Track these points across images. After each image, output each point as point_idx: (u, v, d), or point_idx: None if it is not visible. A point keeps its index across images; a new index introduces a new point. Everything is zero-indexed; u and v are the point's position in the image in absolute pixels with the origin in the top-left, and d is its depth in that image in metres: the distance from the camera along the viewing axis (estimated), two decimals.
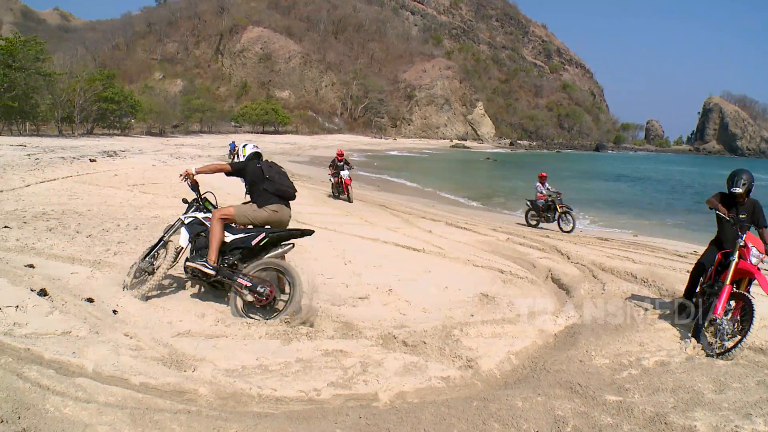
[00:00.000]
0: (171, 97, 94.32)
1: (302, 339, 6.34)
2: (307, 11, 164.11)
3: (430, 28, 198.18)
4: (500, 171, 61.58)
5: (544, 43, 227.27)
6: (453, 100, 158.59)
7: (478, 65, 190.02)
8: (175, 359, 5.58)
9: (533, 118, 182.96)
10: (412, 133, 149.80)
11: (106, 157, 29.79)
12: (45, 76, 50.66)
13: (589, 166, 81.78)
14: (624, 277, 10.41)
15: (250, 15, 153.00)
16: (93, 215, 13.03)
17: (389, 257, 11.07)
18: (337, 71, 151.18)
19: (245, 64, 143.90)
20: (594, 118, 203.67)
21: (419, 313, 7.65)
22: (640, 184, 51.54)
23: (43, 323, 6.01)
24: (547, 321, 7.72)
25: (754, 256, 6.80)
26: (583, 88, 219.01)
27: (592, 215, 25.64)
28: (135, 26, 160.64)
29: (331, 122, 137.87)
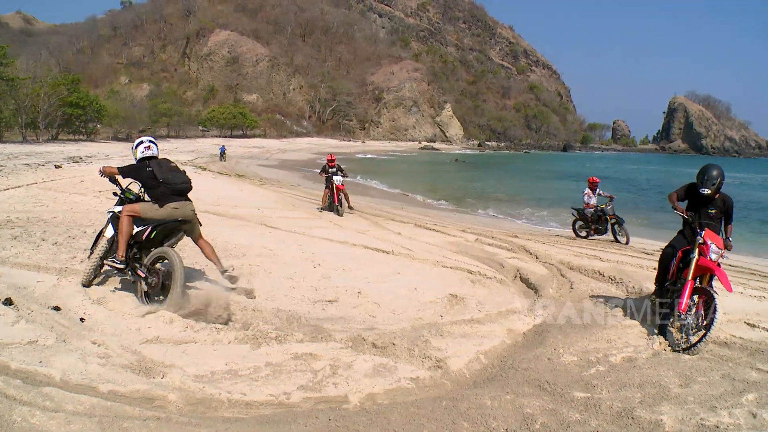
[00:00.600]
0: (137, 102, 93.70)
1: (272, 343, 6.34)
2: (274, 14, 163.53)
3: (397, 31, 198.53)
4: (468, 172, 61.83)
5: (511, 44, 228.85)
6: (421, 102, 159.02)
7: (446, 67, 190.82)
8: (143, 366, 5.55)
9: (501, 119, 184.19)
10: (380, 135, 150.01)
11: (72, 163, 29.49)
12: (8, 80, 50.07)
13: (557, 167, 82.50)
14: (592, 275, 10.56)
15: (216, 18, 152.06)
16: (59, 222, 12.87)
17: (358, 260, 11.08)
18: (305, 74, 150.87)
19: (212, 67, 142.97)
20: (561, 118, 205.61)
21: (388, 314, 7.68)
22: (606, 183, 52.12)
23: (8, 333, 5.96)
24: (515, 320, 7.80)
25: (713, 252, 6.92)
26: (550, 89, 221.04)
27: (559, 215, 25.87)
28: (100, 30, 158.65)
29: (300, 125, 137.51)
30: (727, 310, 7.47)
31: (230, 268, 8.14)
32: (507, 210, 27.25)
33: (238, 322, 7.00)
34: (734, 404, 5.09)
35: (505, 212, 26.32)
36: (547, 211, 27.35)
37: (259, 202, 19.71)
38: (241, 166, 44.42)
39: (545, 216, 25.46)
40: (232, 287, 7.70)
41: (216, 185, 25.09)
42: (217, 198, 19.24)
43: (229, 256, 10.50)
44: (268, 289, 8.42)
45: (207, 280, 8.39)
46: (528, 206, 29.43)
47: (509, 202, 31.53)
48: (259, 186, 27.64)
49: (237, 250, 11.06)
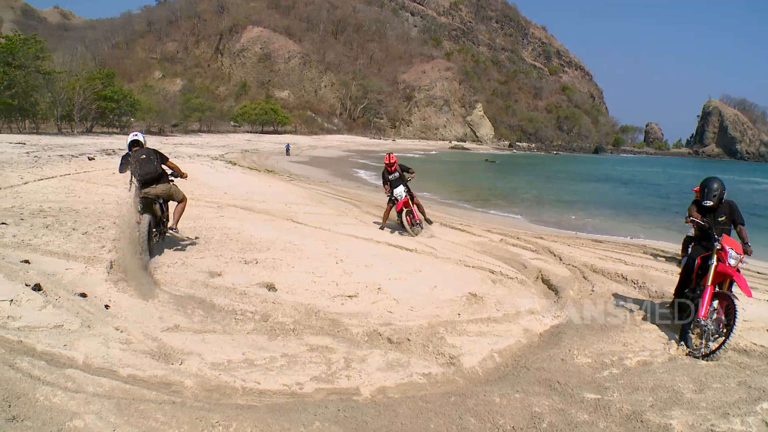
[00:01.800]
0: (170, 96, 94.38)
1: (289, 335, 6.47)
2: (306, 11, 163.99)
3: (429, 29, 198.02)
4: (498, 172, 61.57)
5: (544, 45, 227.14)
6: (452, 102, 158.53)
7: (478, 67, 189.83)
8: (163, 353, 5.73)
9: (532, 120, 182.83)
10: (411, 134, 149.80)
11: (105, 156, 29.85)
12: (45, 74, 50.77)
13: (588, 169, 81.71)
14: (614, 278, 10.50)
15: (249, 15, 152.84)
16: (90, 213, 13.14)
17: (381, 256, 11.14)
18: (336, 71, 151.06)
19: (245, 63, 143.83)
20: (593, 120, 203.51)
21: (406, 311, 7.74)
22: (637, 187, 51.54)
23: (36, 317, 6.18)
24: (533, 321, 7.82)
25: (731, 258, 6.89)
26: (582, 90, 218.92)
27: (589, 217, 25.68)
28: (135, 25, 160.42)
29: (330, 122, 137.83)
30: (749, 317, 7.44)
31: (177, 229, 10.40)
32: (535, 211, 27.03)
33: (257, 313, 7.12)
34: (748, 412, 5.08)
35: (532, 213, 26.14)
36: (575, 213, 27.16)
37: (287, 198, 19.83)
38: (271, 161, 44.67)
39: (574, 218, 25.29)
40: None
41: (245, 180, 25.31)
42: (246, 193, 19.42)
43: (254, 249, 10.67)
44: (289, 282, 8.55)
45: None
46: (557, 208, 29.22)
47: (538, 203, 31.29)
48: (288, 182, 27.78)
49: (262, 244, 11.21)
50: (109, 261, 8.75)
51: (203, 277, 8.46)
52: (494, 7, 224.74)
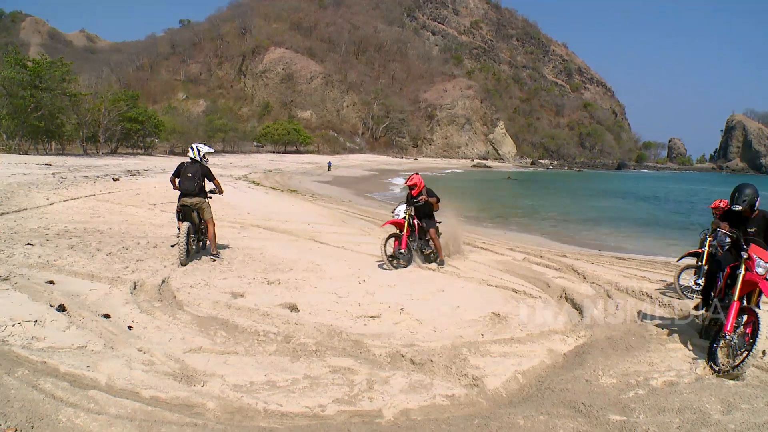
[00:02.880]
0: (194, 117, 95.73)
1: (311, 356, 6.45)
2: (328, 32, 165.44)
3: (450, 48, 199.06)
4: (520, 190, 61.33)
5: (565, 62, 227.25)
6: (474, 120, 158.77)
7: (499, 85, 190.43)
8: (185, 374, 5.73)
9: (554, 137, 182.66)
10: (433, 152, 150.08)
11: (129, 177, 30.20)
12: (71, 96, 51.63)
13: (612, 185, 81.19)
14: (639, 296, 10.35)
15: (272, 36, 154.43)
16: (114, 233, 13.30)
17: (403, 276, 11.10)
18: (358, 91, 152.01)
19: (267, 84, 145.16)
20: (616, 136, 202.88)
21: (429, 331, 7.69)
22: (661, 203, 51.10)
23: (60, 337, 6.26)
24: (557, 341, 7.71)
25: (759, 266, 6.77)
26: (604, 106, 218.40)
27: (613, 234, 25.46)
28: (159, 48, 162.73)
29: (353, 142, 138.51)
30: None
31: (218, 255, 11.49)
32: (558, 229, 26.87)
33: (280, 334, 7.12)
34: None
35: (556, 231, 25.97)
36: (599, 230, 26.96)
37: (310, 218, 19.88)
38: (294, 181, 44.89)
39: (597, 236, 25.08)
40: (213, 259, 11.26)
41: (268, 200, 25.44)
42: (269, 213, 19.52)
43: (276, 270, 10.70)
44: (312, 303, 8.55)
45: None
46: (580, 226, 29.03)
47: (561, 221, 31.07)
48: (311, 201, 27.87)
49: (284, 265, 11.24)
50: (133, 282, 8.83)
51: (226, 298, 8.49)
52: (515, 25, 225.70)
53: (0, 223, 13.29)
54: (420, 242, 12.64)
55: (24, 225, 13.40)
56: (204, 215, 11.48)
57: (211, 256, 11.37)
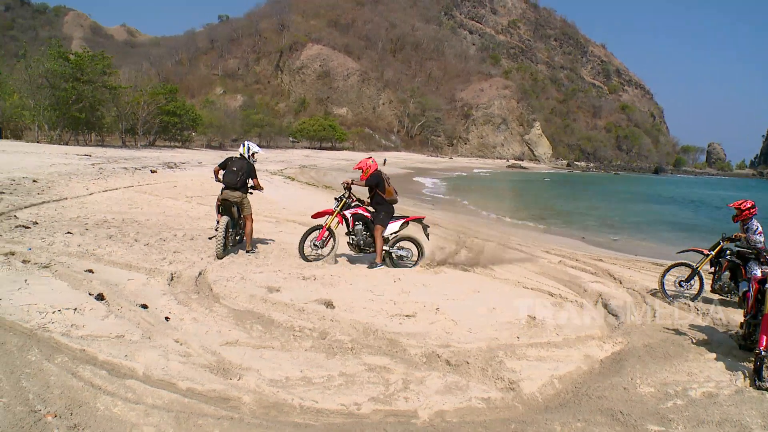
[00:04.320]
0: (231, 112, 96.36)
1: (347, 353, 6.45)
2: (365, 30, 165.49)
3: (487, 48, 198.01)
4: (557, 191, 60.82)
5: (603, 63, 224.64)
6: (510, 120, 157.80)
7: (536, 85, 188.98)
8: (221, 367, 5.77)
9: (591, 139, 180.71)
10: (468, 152, 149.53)
11: (167, 169, 30.50)
12: (111, 89, 52.47)
13: (649, 189, 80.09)
14: (678, 305, 10.18)
15: (309, 33, 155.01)
16: (151, 224, 13.46)
17: (438, 276, 11.04)
18: (394, 89, 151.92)
19: (304, 80, 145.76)
20: (653, 140, 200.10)
21: (465, 333, 7.63)
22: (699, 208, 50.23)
23: (98, 326, 6.35)
24: (593, 346, 7.61)
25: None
26: (642, 109, 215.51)
27: (652, 239, 25.08)
28: (198, 42, 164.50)
29: (388, 140, 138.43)
30: None
31: (254, 250, 11.67)
32: (593, 232, 26.55)
33: (315, 330, 7.12)
34: None
35: (591, 234, 25.66)
36: (636, 235, 26.59)
37: None
38: (329, 177, 44.94)
39: (634, 240, 24.72)
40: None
41: (303, 196, 25.56)
42: (304, 208, 19.56)
43: (312, 265, 10.72)
44: (348, 300, 8.54)
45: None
46: (616, 229, 28.65)
47: (597, 224, 30.69)
48: None
49: (320, 260, 11.25)
50: (170, 273, 8.91)
51: (262, 292, 8.52)
52: (553, 25, 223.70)
53: (41, 212, 13.51)
54: (361, 236, 11.55)
55: (64, 214, 13.61)
56: (243, 211, 11.60)
57: (248, 252, 11.45)
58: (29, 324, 6.14)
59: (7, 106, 46.91)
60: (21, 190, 16.58)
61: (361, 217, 11.53)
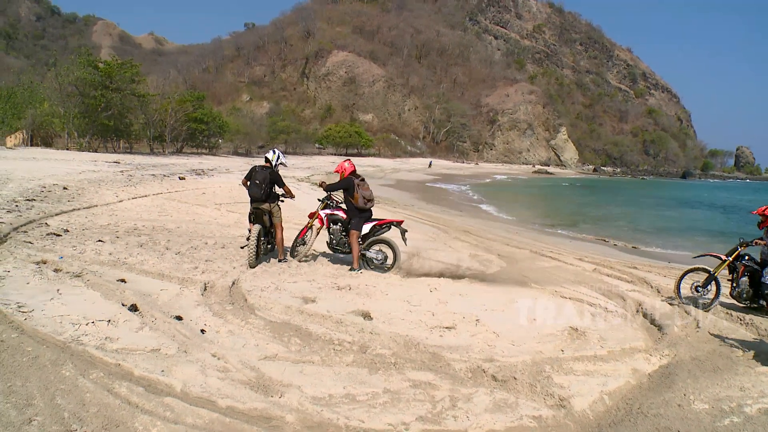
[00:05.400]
0: (257, 119, 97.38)
1: (390, 369, 6.26)
2: (391, 36, 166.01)
3: (513, 53, 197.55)
4: (586, 197, 60.29)
5: (629, 67, 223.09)
6: (536, 125, 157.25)
7: (562, 90, 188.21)
8: (261, 383, 5.60)
9: (617, 143, 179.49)
10: (494, 157, 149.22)
11: (195, 176, 30.69)
12: (139, 96, 53.31)
13: (678, 194, 79.20)
14: (719, 314, 9.88)
15: (335, 39, 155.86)
16: (182, 232, 13.43)
17: (474, 285, 10.84)
18: (420, 95, 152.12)
19: (330, 87, 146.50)
20: (680, 144, 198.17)
21: (508, 345, 7.40)
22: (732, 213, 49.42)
23: (133, 339, 6.22)
24: (640, 359, 7.36)
25: None
26: (669, 113, 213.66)
27: (685, 246, 24.62)
28: (224, 50, 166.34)
29: (414, 146, 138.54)
30: None
31: (286, 259, 11.51)
32: (626, 239, 26.16)
33: (355, 344, 6.94)
34: None
35: (623, 240, 25.27)
36: (669, 241, 26.16)
37: None
38: None
39: (667, 246, 24.30)
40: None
41: None
42: None
43: (345, 275, 10.57)
44: (385, 311, 8.36)
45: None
46: (649, 235, 28.23)
47: (628, 230, 30.28)
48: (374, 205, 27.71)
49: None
50: (203, 283, 8.80)
51: (297, 303, 8.37)
52: (578, 29, 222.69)
53: (72, 219, 13.57)
54: (336, 236, 11.72)
55: (95, 221, 13.65)
56: (274, 219, 11.51)
57: (279, 261, 11.34)
58: (62, 336, 6.05)
59: (38, 113, 47.65)
60: (52, 198, 16.70)
61: (337, 218, 11.66)
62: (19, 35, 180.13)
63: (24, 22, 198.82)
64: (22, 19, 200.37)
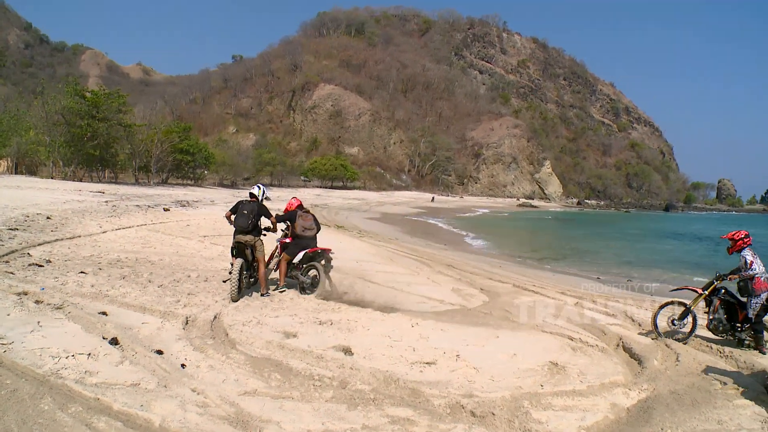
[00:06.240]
0: (243, 151, 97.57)
1: (369, 404, 6.27)
2: (377, 70, 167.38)
3: (497, 87, 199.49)
4: (569, 231, 60.55)
5: (612, 101, 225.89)
6: (520, 159, 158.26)
7: (546, 124, 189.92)
8: (241, 419, 5.62)
9: (601, 177, 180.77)
10: (479, 191, 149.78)
11: (179, 207, 30.64)
12: (125, 126, 53.44)
13: (662, 227, 79.56)
14: (699, 347, 9.96)
15: (321, 73, 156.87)
16: (165, 265, 13.40)
17: (456, 321, 10.87)
18: (405, 129, 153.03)
19: (316, 120, 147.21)
20: (663, 177, 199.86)
21: (487, 381, 7.44)
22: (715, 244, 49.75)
23: (113, 373, 6.22)
24: (619, 394, 7.42)
25: None
26: (652, 146, 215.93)
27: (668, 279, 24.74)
28: (212, 82, 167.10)
29: (399, 179, 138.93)
30: None
31: (268, 293, 11.46)
32: (609, 272, 26.27)
33: (335, 379, 6.96)
34: None
35: (605, 274, 25.36)
36: (653, 274, 26.27)
37: (358, 255, 19.76)
38: (341, 217, 44.96)
39: (651, 280, 24.40)
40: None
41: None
42: None
43: (328, 309, 10.59)
44: (366, 346, 8.38)
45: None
46: (633, 269, 28.35)
47: (612, 263, 30.38)
48: (358, 238, 27.75)
49: (335, 304, 11.10)
50: (185, 317, 8.80)
51: (278, 338, 8.38)
52: (562, 64, 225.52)
53: (55, 250, 13.53)
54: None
55: (77, 252, 13.60)
56: (256, 253, 11.64)
57: (262, 295, 11.37)
58: (42, 370, 6.05)
59: (23, 141, 47.56)
60: (35, 227, 16.63)
61: (284, 245, 12.83)
62: (7, 62, 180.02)
63: (12, 49, 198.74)
64: (11, 46, 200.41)
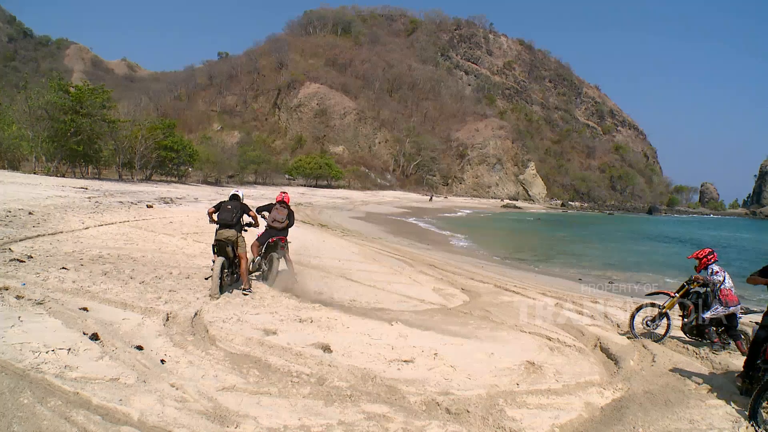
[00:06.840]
0: (228, 148, 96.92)
1: (345, 401, 6.33)
2: (363, 69, 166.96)
3: (483, 88, 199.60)
4: (552, 232, 60.80)
5: (597, 104, 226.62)
6: (505, 160, 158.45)
7: (531, 125, 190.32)
8: (218, 414, 5.66)
9: (585, 179, 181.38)
10: (463, 191, 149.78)
11: (163, 204, 30.51)
12: (109, 122, 53.02)
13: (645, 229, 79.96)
14: (676, 348, 10.10)
15: (307, 71, 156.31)
16: (147, 261, 13.36)
17: (435, 319, 10.96)
18: (390, 128, 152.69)
19: (301, 118, 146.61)
20: (647, 180, 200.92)
21: (464, 379, 7.52)
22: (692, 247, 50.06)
23: (93, 368, 6.25)
24: (594, 393, 7.53)
25: None
26: (636, 149, 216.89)
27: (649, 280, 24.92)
28: (197, 79, 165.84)
29: (384, 178, 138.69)
30: None
31: (250, 289, 11.49)
32: (590, 273, 26.44)
33: (313, 376, 7.02)
34: None
35: (586, 275, 25.52)
36: (634, 276, 26.45)
37: (341, 254, 19.81)
38: (325, 216, 44.89)
39: (633, 282, 24.55)
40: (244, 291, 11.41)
41: (298, 234, 25.36)
42: (299, 247, 19.46)
43: (308, 307, 10.62)
44: (345, 344, 8.44)
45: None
46: (615, 270, 28.54)
47: (594, 265, 30.55)
48: (341, 237, 27.78)
49: (316, 302, 11.15)
50: (166, 313, 8.82)
51: (258, 335, 8.42)
52: (548, 66, 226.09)
53: (36, 245, 13.46)
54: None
55: (59, 248, 13.54)
56: (238, 249, 11.71)
57: (243, 290, 11.39)
58: (22, 364, 6.07)
59: (6, 136, 47.07)
60: (17, 222, 16.55)
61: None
62: None
63: None
64: None
